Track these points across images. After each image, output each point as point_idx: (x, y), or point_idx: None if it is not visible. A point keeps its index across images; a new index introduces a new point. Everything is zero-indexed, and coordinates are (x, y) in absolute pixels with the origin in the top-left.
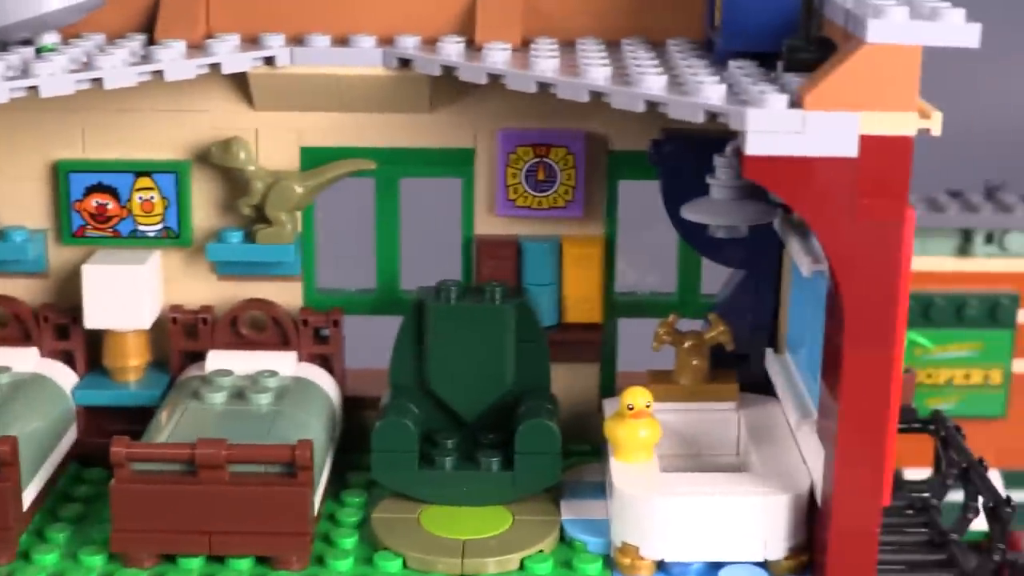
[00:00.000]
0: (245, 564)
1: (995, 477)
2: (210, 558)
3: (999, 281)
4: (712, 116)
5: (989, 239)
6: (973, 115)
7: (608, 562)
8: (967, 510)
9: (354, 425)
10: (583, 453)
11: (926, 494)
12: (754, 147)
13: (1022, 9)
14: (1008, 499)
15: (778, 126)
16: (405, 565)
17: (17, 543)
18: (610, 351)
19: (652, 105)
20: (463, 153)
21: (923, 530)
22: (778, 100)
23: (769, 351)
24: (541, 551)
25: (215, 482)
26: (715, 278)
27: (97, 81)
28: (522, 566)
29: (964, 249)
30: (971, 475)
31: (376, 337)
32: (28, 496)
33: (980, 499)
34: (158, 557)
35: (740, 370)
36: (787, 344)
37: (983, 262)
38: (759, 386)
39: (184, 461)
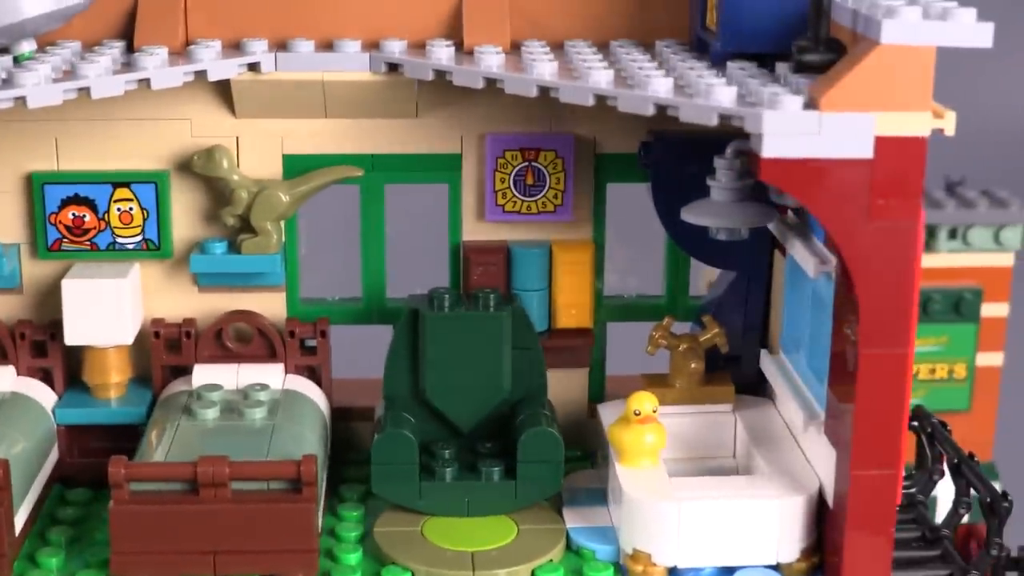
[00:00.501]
0: None
1: None
2: None
3: (963, 276)
4: (722, 118)
5: (952, 234)
6: (973, 115)
7: (618, 569)
8: (959, 505)
9: (339, 437)
10: (575, 459)
11: (912, 490)
12: (771, 149)
13: (1019, 8)
14: (1005, 493)
15: (795, 128)
16: None
17: (11, 569)
18: (599, 356)
19: (661, 108)
20: (450, 158)
21: (914, 526)
22: (793, 102)
23: (764, 352)
24: (551, 561)
25: (217, 500)
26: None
27: (84, 90)
28: None
29: (928, 245)
30: (963, 470)
31: (359, 346)
32: (19, 520)
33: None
34: None
35: (731, 372)
36: (781, 345)
37: (947, 257)
38: (749, 387)
39: (185, 480)
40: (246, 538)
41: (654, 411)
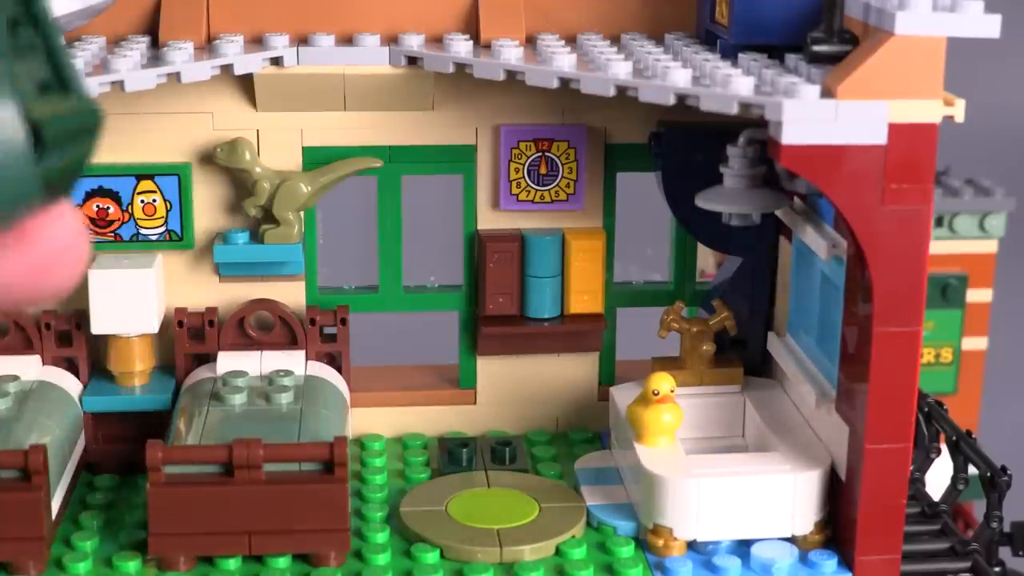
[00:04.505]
0: (283, 563)
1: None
2: (247, 558)
3: (949, 263)
4: (742, 107)
5: (939, 222)
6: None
7: (639, 544)
8: (957, 481)
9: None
10: (586, 440)
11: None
12: (790, 136)
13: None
14: (1004, 467)
15: (812, 115)
16: (443, 556)
17: (49, 552)
18: (610, 340)
19: (681, 98)
20: (465, 150)
21: (913, 502)
22: (810, 91)
23: (771, 334)
24: (573, 536)
25: (251, 482)
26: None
27: (117, 84)
28: (557, 552)
29: None
30: (962, 446)
31: (375, 334)
32: (54, 506)
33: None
34: (195, 559)
35: (738, 354)
36: (789, 327)
37: (933, 244)
38: (755, 369)
39: (220, 462)
40: (280, 518)
41: (672, 391)
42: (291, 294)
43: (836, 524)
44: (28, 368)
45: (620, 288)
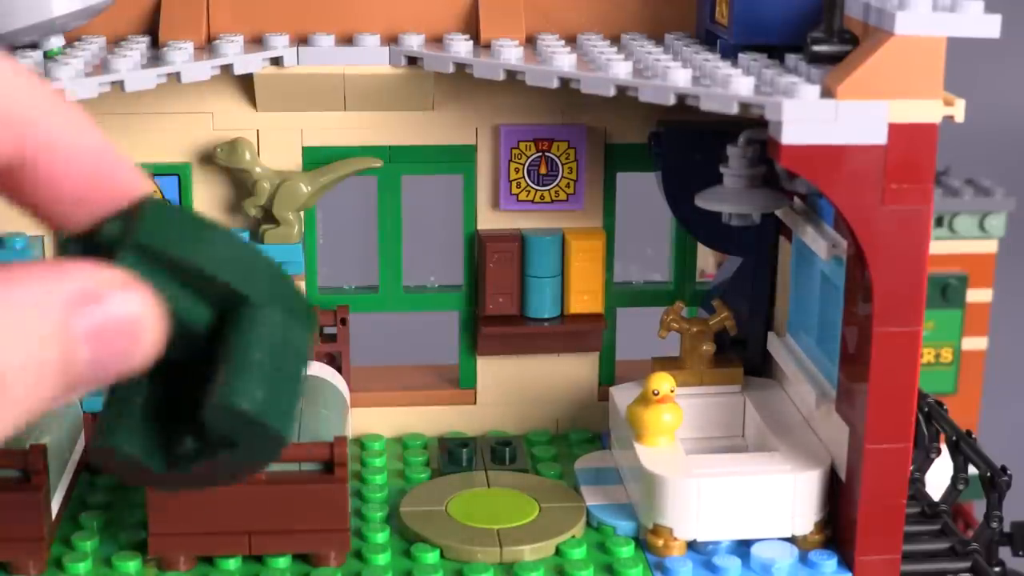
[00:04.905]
0: (283, 563)
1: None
2: (247, 558)
3: (949, 263)
4: (742, 107)
5: (939, 222)
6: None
7: (639, 544)
8: (957, 481)
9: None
10: (585, 440)
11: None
12: (790, 136)
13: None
14: (1004, 467)
15: (812, 115)
16: (443, 555)
17: (49, 552)
18: (610, 340)
19: (681, 98)
20: (465, 150)
21: (913, 502)
22: (810, 91)
23: (771, 334)
24: (573, 536)
25: (251, 482)
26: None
27: (117, 84)
28: (557, 552)
29: None
30: (962, 446)
31: (375, 334)
32: (55, 505)
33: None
34: (195, 559)
35: (738, 354)
36: (788, 327)
37: (933, 244)
38: (755, 369)
39: None
40: (280, 518)
41: (672, 391)
42: None
43: (836, 524)
44: None
45: (620, 288)
